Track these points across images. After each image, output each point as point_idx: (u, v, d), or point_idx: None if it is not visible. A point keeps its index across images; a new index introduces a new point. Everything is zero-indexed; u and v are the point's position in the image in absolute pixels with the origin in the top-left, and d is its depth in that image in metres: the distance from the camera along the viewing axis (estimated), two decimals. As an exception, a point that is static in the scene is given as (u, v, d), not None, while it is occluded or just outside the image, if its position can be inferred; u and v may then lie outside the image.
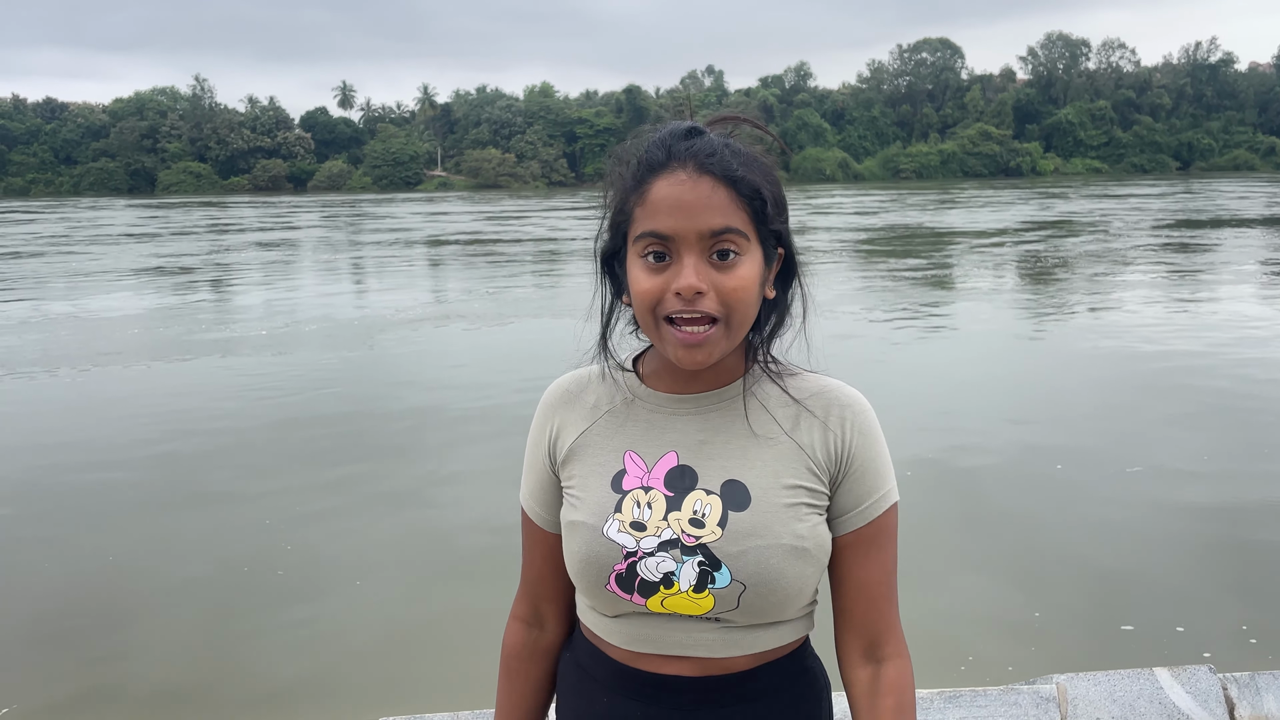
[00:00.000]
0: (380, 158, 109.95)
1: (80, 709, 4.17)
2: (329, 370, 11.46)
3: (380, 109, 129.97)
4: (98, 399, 10.24)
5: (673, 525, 1.21)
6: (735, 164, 1.17)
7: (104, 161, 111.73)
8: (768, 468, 1.22)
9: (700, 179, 1.16)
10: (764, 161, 1.22)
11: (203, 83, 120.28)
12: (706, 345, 1.17)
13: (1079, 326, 13.63)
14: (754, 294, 1.18)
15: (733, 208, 1.16)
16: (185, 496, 7.07)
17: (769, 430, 1.23)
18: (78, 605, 5.30)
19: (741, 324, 1.19)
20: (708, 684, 1.25)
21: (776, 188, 1.21)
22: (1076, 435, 8.11)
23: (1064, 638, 4.75)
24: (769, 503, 1.21)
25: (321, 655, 4.76)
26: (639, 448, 1.26)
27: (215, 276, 22.38)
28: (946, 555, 5.77)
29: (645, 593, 1.22)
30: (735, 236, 1.16)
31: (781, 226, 1.22)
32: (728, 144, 1.20)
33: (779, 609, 1.22)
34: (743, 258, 1.17)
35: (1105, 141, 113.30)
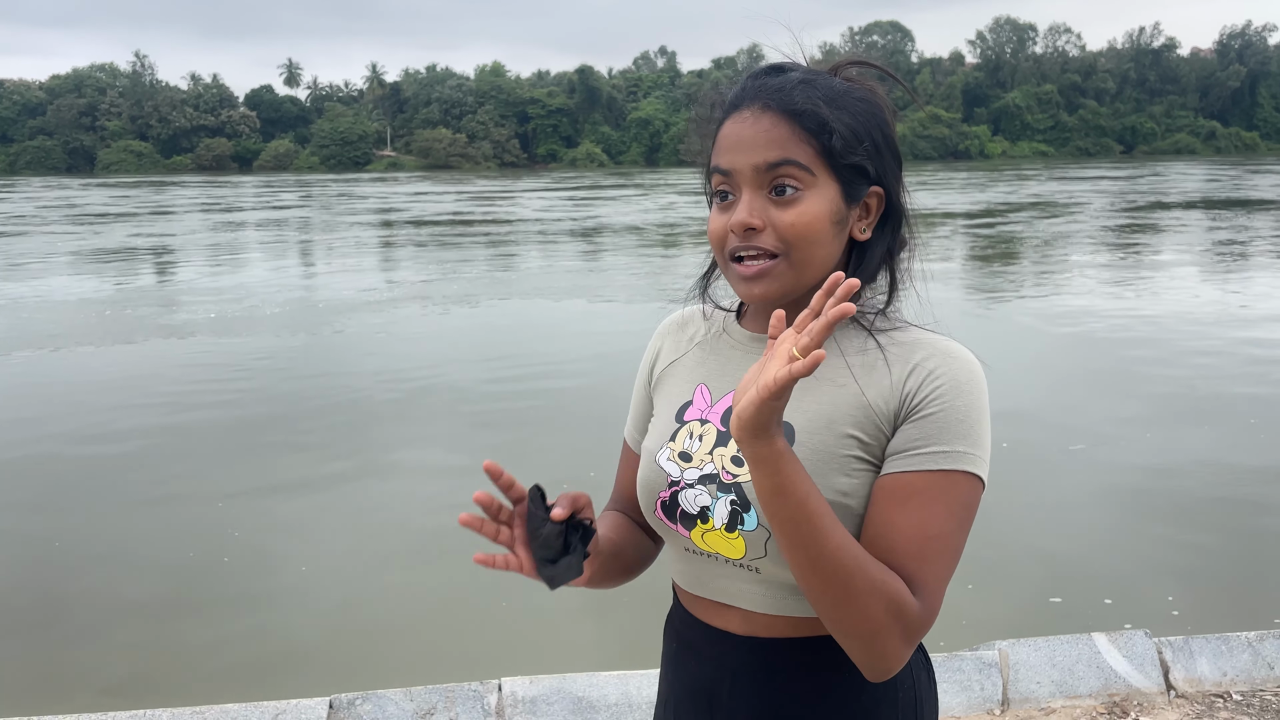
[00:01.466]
0: (328, 137, 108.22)
1: (22, 697, 4.09)
2: (282, 353, 11.30)
3: (328, 88, 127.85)
4: (52, 380, 10.01)
5: (715, 460, 1.18)
6: (802, 98, 1.13)
7: (41, 140, 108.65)
8: (823, 412, 1.14)
9: (763, 115, 1.14)
10: (862, 97, 1.16)
11: (143, 59, 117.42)
12: (764, 278, 1.14)
13: (1046, 306, 13.87)
14: (819, 231, 1.13)
15: (794, 141, 1.12)
16: (134, 483, 6.94)
17: (838, 375, 1.15)
18: (17, 595, 5.19)
19: (806, 261, 1.14)
20: (755, 644, 1.20)
21: (863, 123, 1.14)
22: (1030, 412, 8.28)
23: (1003, 609, 4.86)
24: (813, 448, 1.13)
25: (271, 638, 4.72)
26: (711, 381, 1.25)
27: (193, 257, 21.93)
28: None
29: (686, 524, 1.20)
30: (794, 169, 1.12)
31: (865, 163, 1.14)
32: (807, 80, 1.15)
33: None
34: (804, 193, 1.12)
35: (1052, 125, 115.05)
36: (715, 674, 1.23)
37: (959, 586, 4.73)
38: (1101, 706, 3.33)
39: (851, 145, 1.13)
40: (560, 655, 4.35)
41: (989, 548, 5.59)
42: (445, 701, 3.21)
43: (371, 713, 3.17)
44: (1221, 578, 5.22)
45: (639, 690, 3.24)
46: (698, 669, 1.26)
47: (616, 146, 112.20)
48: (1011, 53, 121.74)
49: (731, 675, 1.22)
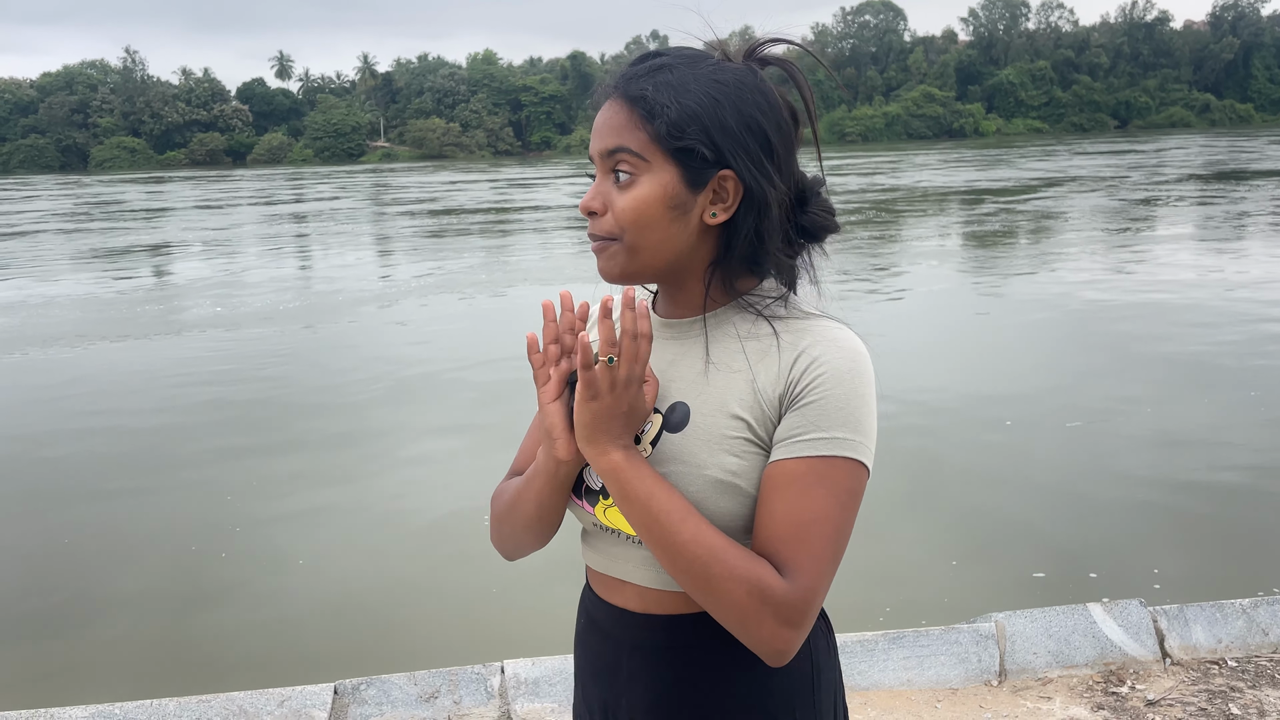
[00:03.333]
0: (321, 129, 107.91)
1: (29, 689, 4.12)
2: (293, 346, 11.32)
3: (320, 79, 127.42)
4: (74, 373, 10.03)
5: None
6: (650, 85, 1.14)
7: (33, 138, 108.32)
8: (716, 395, 1.17)
9: (612, 103, 1.17)
10: (717, 80, 1.15)
11: (133, 55, 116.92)
12: (605, 257, 1.19)
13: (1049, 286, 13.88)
14: (650, 215, 1.14)
15: (630, 128, 1.14)
16: (138, 474, 6.98)
17: (732, 360, 1.18)
18: (21, 591, 5.22)
19: (640, 243, 1.16)
20: (649, 621, 1.23)
21: (706, 105, 1.13)
22: (1026, 391, 8.31)
23: (986, 584, 4.89)
24: (704, 429, 1.16)
25: (274, 628, 4.75)
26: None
27: (247, 250, 21.89)
28: (891, 504, 5.91)
29: (590, 500, 1.25)
30: (627, 156, 1.14)
31: (703, 147, 1.13)
32: (667, 65, 1.16)
33: None
34: (639, 178, 1.14)
35: (1045, 101, 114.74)
36: (615, 651, 1.28)
37: (942, 563, 4.79)
38: (1098, 675, 3.37)
39: (679, 130, 1.12)
40: (562, 638, 4.39)
41: (975, 524, 5.63)
42: (449, 684, 3.25)
43: (376, 697, 3.20)
44: (1210, 550, 5.25)
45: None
46: (600, 646, 1.30)
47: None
48: (1004, 29, 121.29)
49: (629, 651, 1.26)
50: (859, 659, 3.32)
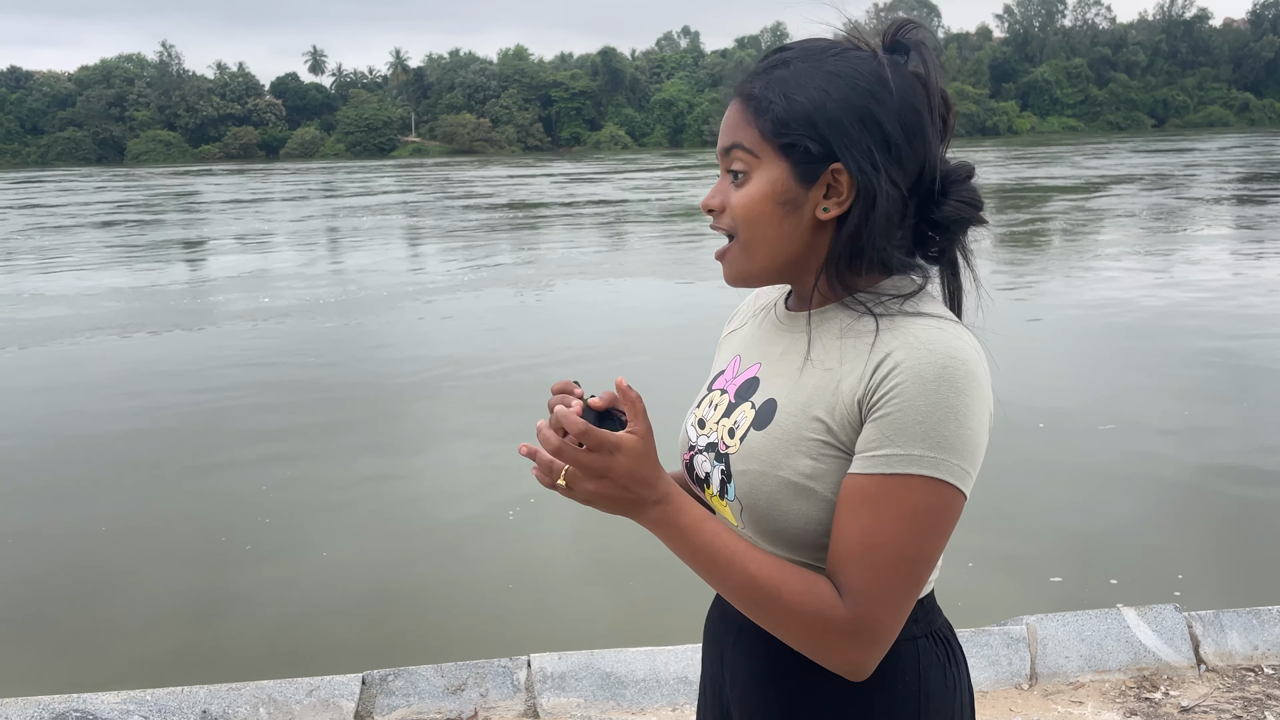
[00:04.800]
0: (353, 124, 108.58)
1: (37, 680, 4.15)
2: (339, 339, 11.41)
3: (352, 74, 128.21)
4: (124, 361, 10.17)
5: (719, 429, 1.23)
6: (760, 83, 1.15)
7: (71, 131, 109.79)
8: (804, 394, 1.15)
9: (732, 102, 1.19)
10: (834, 72, 1.13)
11: (169, 49, 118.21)
12: (725, 260, 1.20)
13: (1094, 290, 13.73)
14: (760, 211, 1.14)
15: (743, 125, 1.16)
16: (177, 463, 7.06)
17: (828, 359, 1.15)
18: (51, 574, 5.29)
19: (752, 240, 1.16)
20: None
21: (820, 100, 1.11)
22: (1059, 395, 8.22)
23: (1017, 587, 4.84)
24: (785, 429, 1.14)
25: (303, 618, 4.78)
26: (745, 354, 1.29)
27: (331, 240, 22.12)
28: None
29: (700, 486, 1.26)
30: (740, 153, 1.15)
31: (811, 142, 1.11)
32: (785, 60, 1.16)
33: (782, 542, 1.16)
34: (751, 175, 1.15)
35: (1081, 99, 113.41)
36: (727, 632, 1.30)
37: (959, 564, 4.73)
38: (1130, 681, 3.32)
39: (785, 125, 1.12)
40: (589, 633, 4.39)
41: (996, 526, 5.57)
42: (476, 677, 3.26)
43: (404, 689, 3.22)
44: (1236, 559, 5.16)
45: (666, 666, 3.26)
46: (718, 626, 1.33)
47: (640, 128, 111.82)
48: (1040, 26, 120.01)
49: (736, 634, 1.28)
50: (887, 659, 3.29)
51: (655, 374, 8.48)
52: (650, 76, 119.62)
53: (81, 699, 3.14)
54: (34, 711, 3.10)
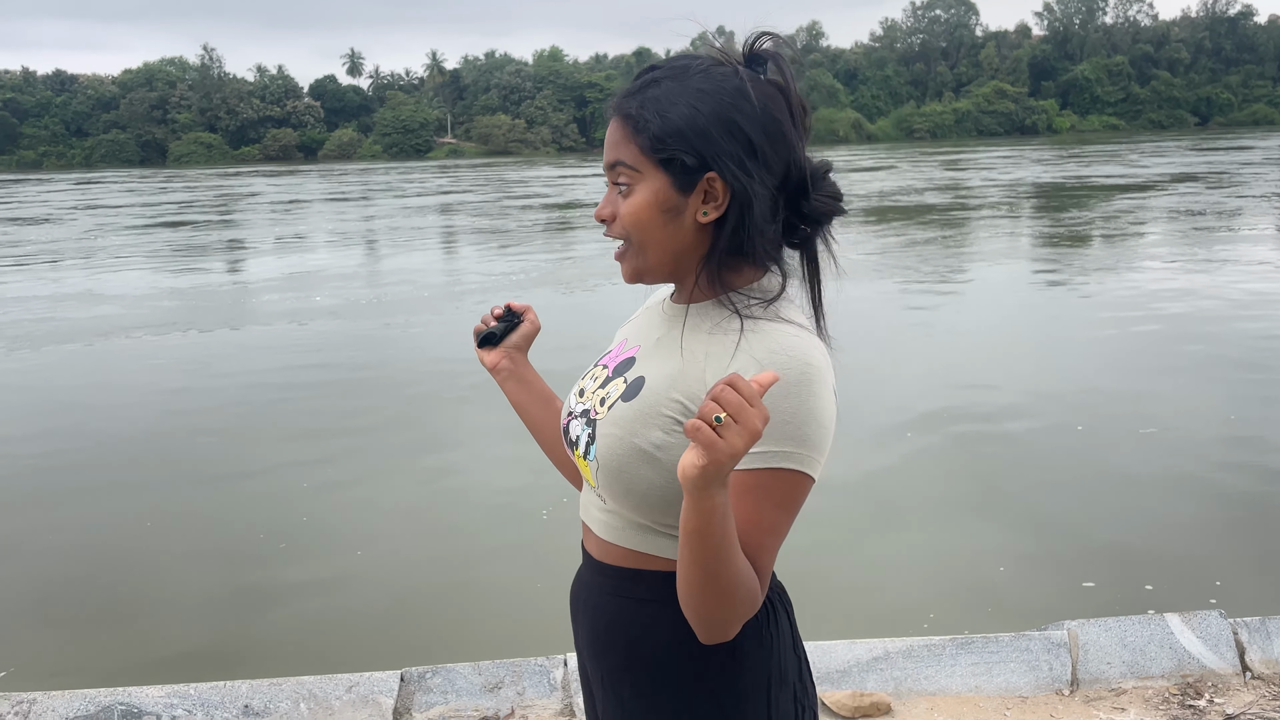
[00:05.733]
0: (390, 125, 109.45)
1: (81, 673, 4.22)
2: (388, 337, 11.53)
3: (389, 76, 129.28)
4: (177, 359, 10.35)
5: (594, 399, 1.36)
6: (637, 103, 1.26)
7: (115, 133, 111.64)
8: (668, 377, 1.28)
9: (613, 120, 1.30)
10: (703, 89, 1.24)
11: (210, 52, 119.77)
12: (624, 261, 1.32)
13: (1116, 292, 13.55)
14: (646, 219, 1.26)
15: (624, 142, 1.27)
16: (224, 457, 7.16)
17: (695, 350, 1.28)
18: (97, 569, 5.38)
19: (644, 244, 1.28)
20: (603, 567, 1.37)
21: (686, 116, 1.23)
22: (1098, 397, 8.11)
23: (1073, 589, 4.77)
24: (647, 403, 1.27)
25: (342, 615, 4.83)
26: (630, 338, 1.43)
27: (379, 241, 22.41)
28: (947, 504, 5.81)
29: (571, 449, 1.39)
30: (622, 169, 1.27)
31: (684, 154, 1.23)
32: (656, 80, 1.27)
33: (628, 504, 1.28)
34: (634, 187, 1.27)
35: (1123, 98, 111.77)
36: (579, 588, 1.45)
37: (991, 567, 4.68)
38: (1174, 688, 3.27)
39: (661, 142, 1.24)
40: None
41: (1031, 529, 5.50)
42: (513, 676, 3.27)
43: (441, 686, 3.24)
44: (1276, 564, 5.05)
45: (703, 667, 3.26)
46: (577, 586, 1.47)
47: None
48: (1080, 24, 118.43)
49: (585, 589, 1.43)
50: (925, 663, 3.27)
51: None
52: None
53: (127, 692, 3.19)
54: (80, 705, 3.16)
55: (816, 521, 5.83)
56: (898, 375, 8.79)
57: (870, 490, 6.14)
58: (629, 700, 1.35)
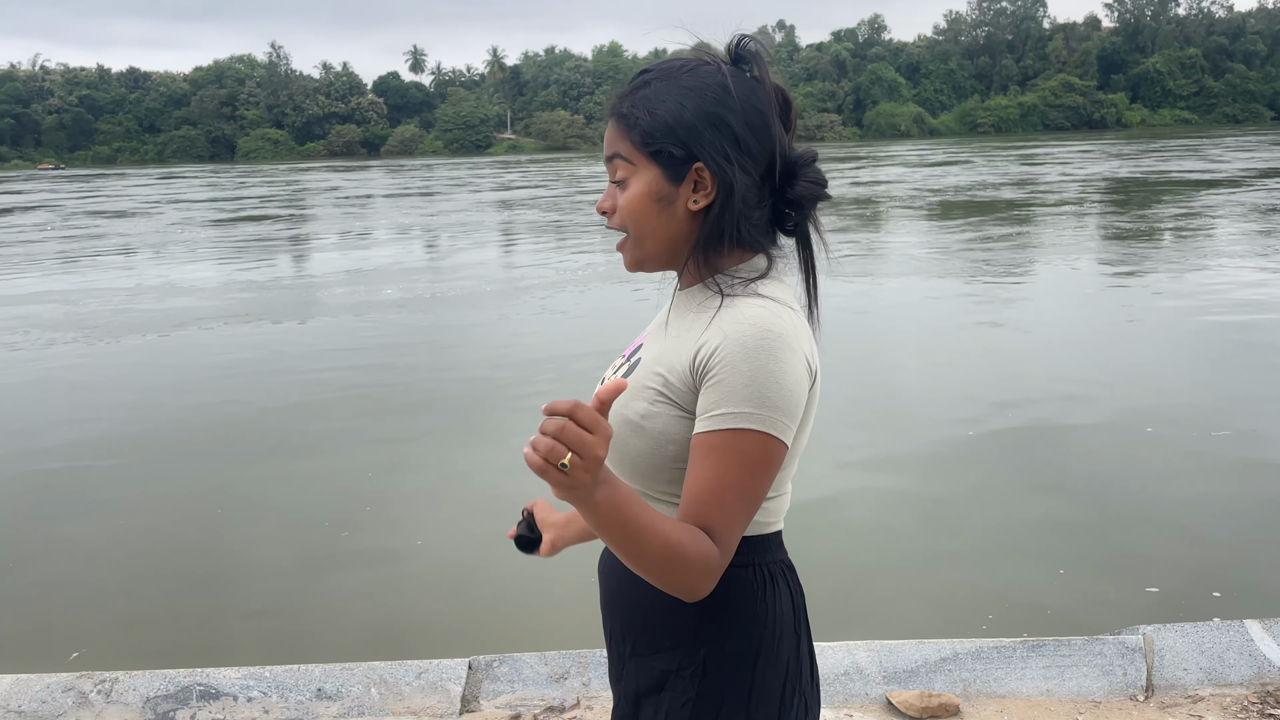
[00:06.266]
0: (451, 121, 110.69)
1: (151, 654, 4.31)
2: (469, 327, 11.68)
3: (450, 73, 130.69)
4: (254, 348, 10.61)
5: None
6: (628, 102, 1.36)
7: (186, 129, 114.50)
8: (656, 354, 1.38)
9: (609, 120, 1.39)
10: (689, 86, 1.34)
11: (278, 50, 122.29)
12: (624, 251, 1.40)
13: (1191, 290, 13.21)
14: (641, 209, 1.35)
15: (619, 139, 1.36)
16: (282, 449, 7.32)
17: (680, 328, 1.37)
18: (172, 552, 5.52)
19: (641, 233, 1.37)
20: None
21: (674, 112, 1.32)
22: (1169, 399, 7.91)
23: (1144, 595, 4.66)
24: (637, 379, 1.37)
25: (409, 603, 4.90)
26: (650, 329, 1.50)
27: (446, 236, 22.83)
28: (1009, 505, 5.71)
29: None
30: (618, 162, 1.36)
31: (673, 147, 1.32)
32: (646, 81, 1.37)
33: (626, 474, 1.37)
34: (630, 180, 1.36)
35: (1195, 91, 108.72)
36: (605, 553, 1.51)
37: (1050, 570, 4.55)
38: (1253, 696, 3.18)
39: (651, 136, 1.33)
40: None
41: (1094, 532, 5.37)
42: (578, 666, 3.30)
43: (508, 674, 3.28)
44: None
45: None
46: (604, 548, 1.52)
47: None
48: (1152, 15, 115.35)
49: (606, 554, 1.51)
50: (995, 665, 3.22)
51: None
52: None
53: (205, 673, 3.28)
54: (160, 684, 3.26)
55: (874, 518, 5.79)
56: (962, 371, 8.67)
57: (929, 488, 6.06)
58: (629, 659, 1.44)
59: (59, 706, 3.22)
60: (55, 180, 68.24)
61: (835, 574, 5.02)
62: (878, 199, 28.53)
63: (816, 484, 6.10)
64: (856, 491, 6.08)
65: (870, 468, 6.48)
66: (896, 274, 14.43)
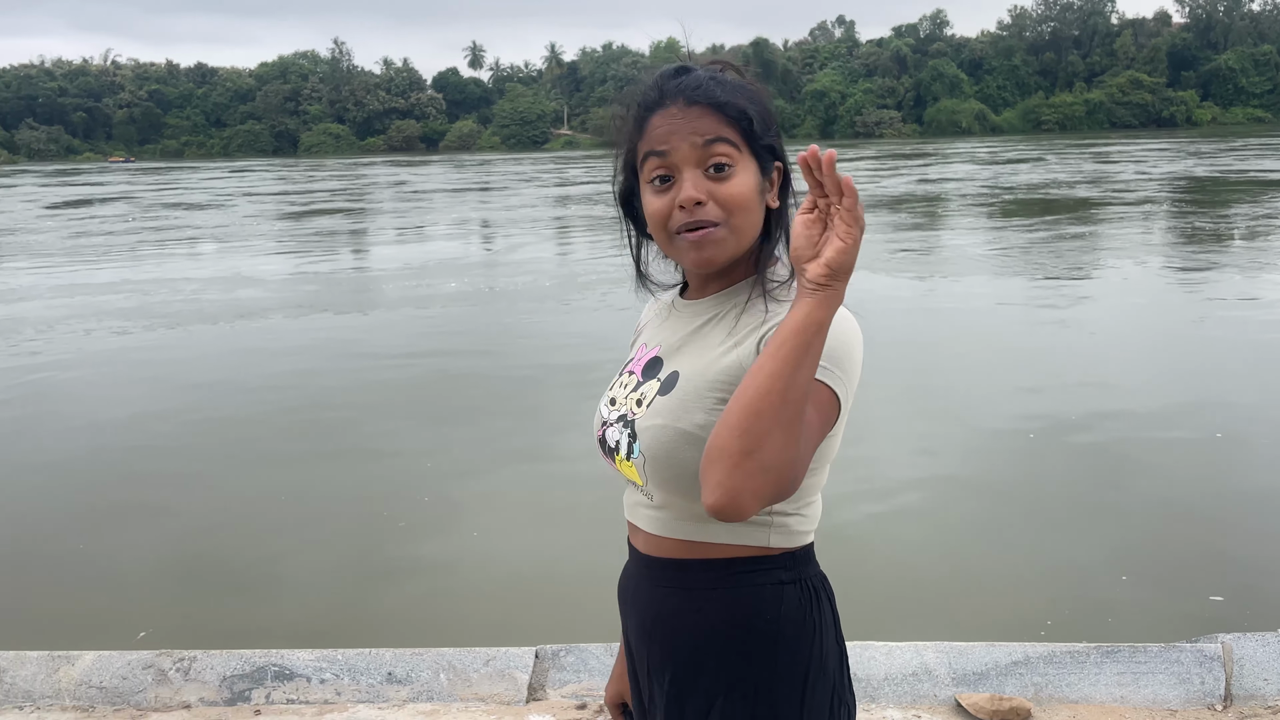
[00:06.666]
0: (508, 117, 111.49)
1: (213, 635, 4.38)
2: (533, 321, 11.80)
3: (509, 69, 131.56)
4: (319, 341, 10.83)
5: (628, 403, 1.40)
6: (719, 92, 1.32)
7: (250, 124, 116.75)
8: (707, 364, 1.32)
9: (690, 108, 1.31)
10: (750, 87, 1.36)
11: (341, 45, 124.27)
12: (711, 242, 1.32)
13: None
14: (751, 200, 1.32)
15: (721, 125, 1.31)
16: (344, 440, 7.44)
17: (731, 334, 1.33)
18: (215, 542, 5.61)
19: (743, 227, 1.32)
20: (651, 561, 1.42)
21: (762, 107, 1.35)
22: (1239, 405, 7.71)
23: (1201, 603, 4.54)
24: (686, 391, 1.32)
25: (469, 593, 4.95)
26: (650, 341, 1.47)
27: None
28: (1071, 508, 5.60)
29: (611, 455, 1.43)
30: (726, 148, 1.30)
31: (773, 141, 1.35)
32: (713, 77, 1.34)
33: (679, 490, 1.31)
34: (736, 168, 1.31)
35: (1270, 89, 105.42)
36: (631, 582, 1.49)
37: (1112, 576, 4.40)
38: (1338, 710, 3.09)
39: (765, 128, 1.34)
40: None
41: (1158, 538, 5.24)
42: (644, 659, 3.30)
43: (574, 664, 3.30)
44: None
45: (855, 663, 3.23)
46: (626, 582, 1.51)
47: (790, 120, 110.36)
48: (1225, 11, 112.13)
49: (635, 584, 1.46)
50: (1068, 670, 3.17)
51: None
52: (802, 67, 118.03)
53: (279, 654, 3.35)
54: (236, 664, 3.34)
55: (933, 517, 5.72)
56: (1027, 371, 8.52)
57: (990, 490, 5.98)
58: (669, 687, 1.39)
59: (139, 683, 3.31)
60: (133, 172, 70.08)
61: (889, 570, 4.99)
62: (947, 196, 28.17)
63: (877, 480, 6.05)
64: (915, 489, 6.03)
65: (931, 466, 6.41)
66: (964, 273, 14.25)
